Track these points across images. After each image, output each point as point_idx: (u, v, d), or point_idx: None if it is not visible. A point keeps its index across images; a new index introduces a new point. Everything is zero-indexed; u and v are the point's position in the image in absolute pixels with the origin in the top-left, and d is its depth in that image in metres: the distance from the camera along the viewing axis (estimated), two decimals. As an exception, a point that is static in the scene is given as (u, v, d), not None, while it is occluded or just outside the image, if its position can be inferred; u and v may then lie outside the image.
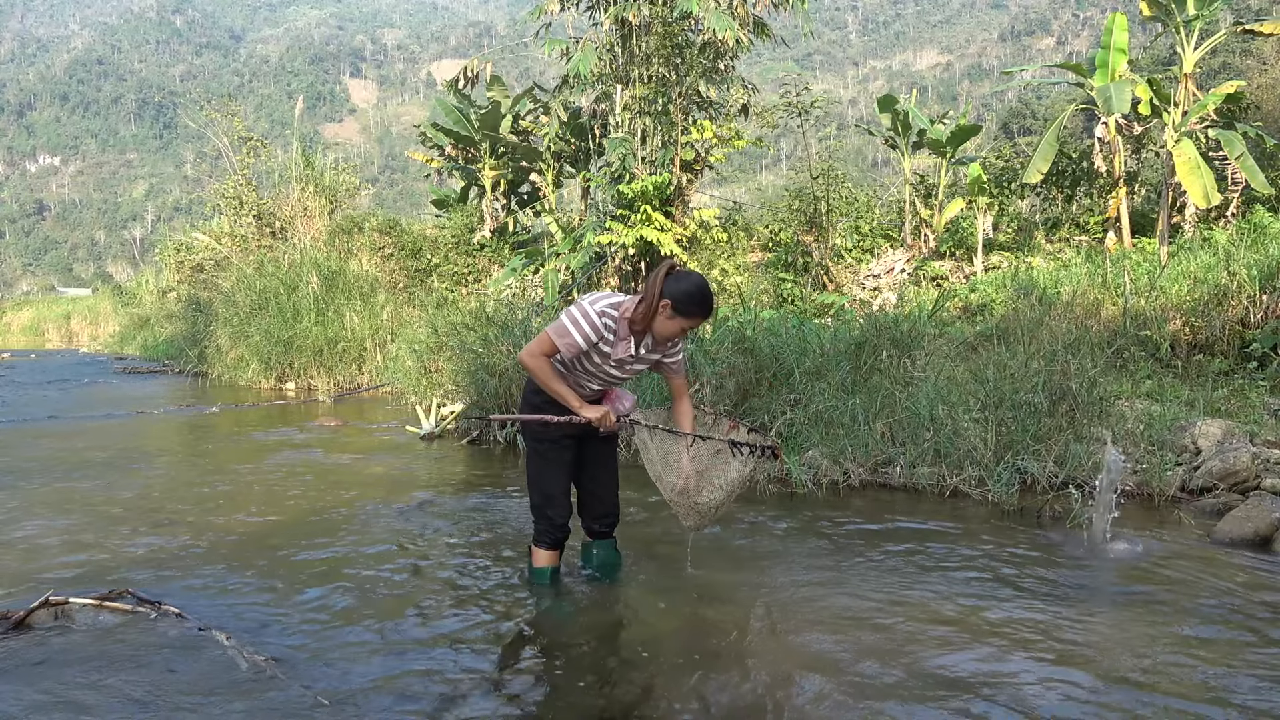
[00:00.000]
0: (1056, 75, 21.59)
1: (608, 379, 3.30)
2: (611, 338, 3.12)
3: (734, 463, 3.32)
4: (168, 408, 10.51)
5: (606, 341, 3.12)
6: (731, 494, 3.36)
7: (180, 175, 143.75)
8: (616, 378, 3.30)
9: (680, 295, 3.06)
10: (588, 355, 3.18)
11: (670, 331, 3.11)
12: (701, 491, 3.32)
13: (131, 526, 4.72)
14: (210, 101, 17.59)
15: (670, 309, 3.07)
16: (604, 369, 3.24)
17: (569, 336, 3.09)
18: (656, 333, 3.14)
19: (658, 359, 3.29)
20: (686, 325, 3.10)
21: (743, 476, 3.34)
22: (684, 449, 3.32)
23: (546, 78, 26.21)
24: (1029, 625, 3.18)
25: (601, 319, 3.09)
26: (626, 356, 3.16)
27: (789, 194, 14.65)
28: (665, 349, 3.27)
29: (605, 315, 3.10)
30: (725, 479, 3.33)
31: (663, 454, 3.38)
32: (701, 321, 3.12)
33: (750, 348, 6.82)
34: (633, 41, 13.17)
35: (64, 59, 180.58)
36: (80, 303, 38.01)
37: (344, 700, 2.65)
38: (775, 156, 67.80)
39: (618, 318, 3.11)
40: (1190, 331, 7.99)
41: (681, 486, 3.32)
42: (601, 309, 3.10)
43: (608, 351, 3.15)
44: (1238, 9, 25.65)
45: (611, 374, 3.27)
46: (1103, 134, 11.84)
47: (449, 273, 14.96)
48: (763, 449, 3.31)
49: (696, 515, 3.37)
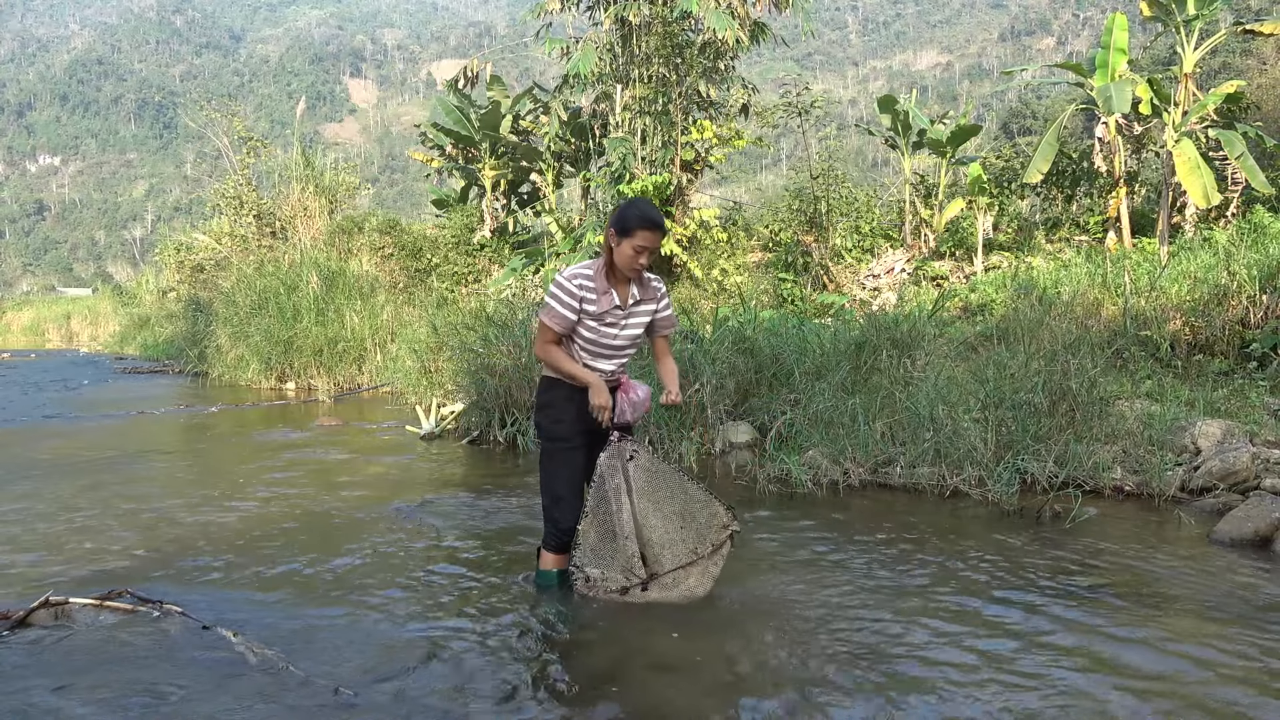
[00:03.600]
0: (1056, 75, 21.59)
1: (614, 350, 3.33)
2: (593, 296, 3.22)
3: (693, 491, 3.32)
4: (168, 408, 10.51)
5: (589, 300, 3.22)
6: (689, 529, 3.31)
7: (180, 175, 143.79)
8: (620, 347, 3.34)
9: (614, 219, 3.21)
10: (585, 325, 3.25)
11: (629, 258, 3.19)
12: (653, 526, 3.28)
13: (131, 526, 4.72)
14: (210, 101, 17.62)
15: (615, 234, 3.19)
16: (604, 336, 3.28)
17: (554, 311, 3.22)
18: (620, 266, 3.23)
19: (652, 312, 3.38)
20: (637, 245, 3.16)
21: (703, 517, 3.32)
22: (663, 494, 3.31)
23: (546, 78, 26.21)
24: (1028, 625, 3.18)
25: (573, 281, 3.22)
26: (612, 308, 3.24)
27: (789, 194, 14.64)
28: (653, 297, 3.37)
29: (577, 277, 3.23)
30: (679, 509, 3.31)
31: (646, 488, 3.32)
32: (649, 236, 3.16)
33: (750, 348, 6.82)
34: (633, 41, 13.17)
35: (64, 59, 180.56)
36: (80, 303, 38.05)
37: (355, 695, 2.65)
38: (775, 156, 67.77)
39: (591, 275, 3.24)
40: (1190, 331, 7.99)
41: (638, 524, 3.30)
42: (571, 273, 3.25)
43: (596, 310, 3.22)
44: (1238, 9, 25.64)
45: (614, 343, 3.31)
46: (1103, 134, 11.83)
47: (449, 273, 14.96)
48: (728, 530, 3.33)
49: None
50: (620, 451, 3.27)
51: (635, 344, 3.42)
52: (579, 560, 3.27)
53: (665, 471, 3.33)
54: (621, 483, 3.25)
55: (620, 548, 3.24)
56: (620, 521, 3.23)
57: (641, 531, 3.26)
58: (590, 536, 3.27)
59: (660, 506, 3.28)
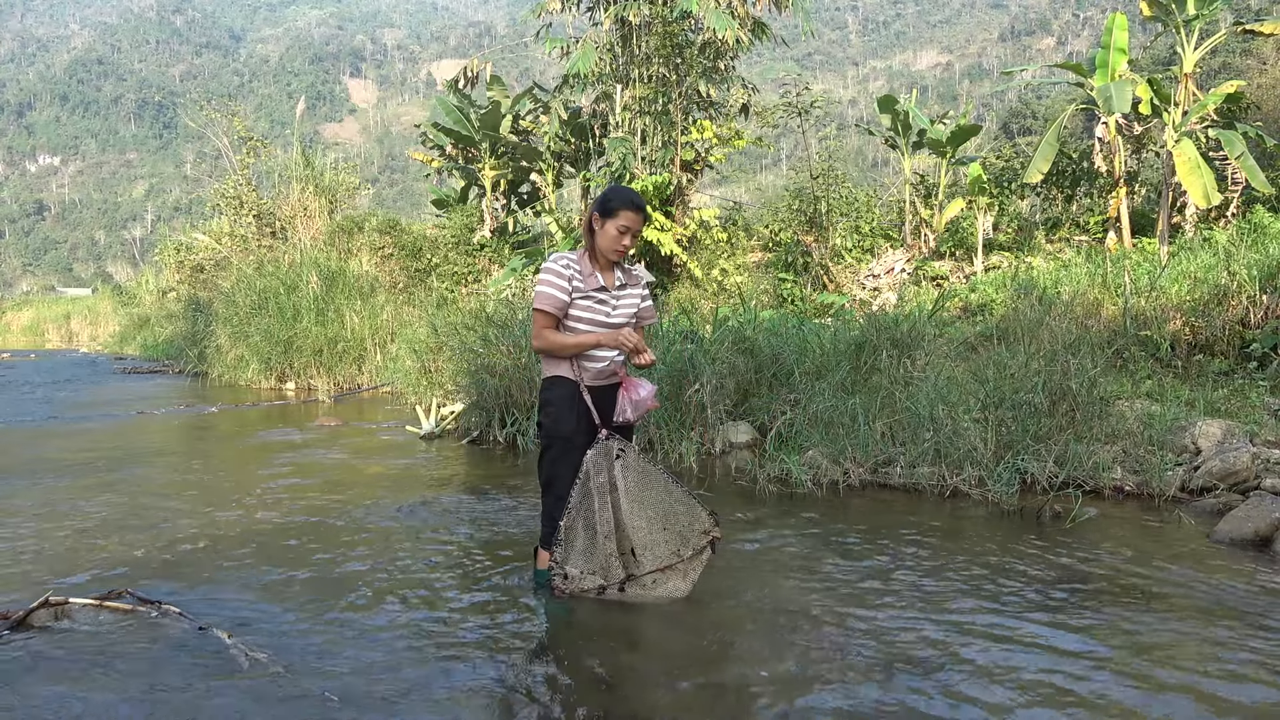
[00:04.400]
0: (1056, 75, 21.61)
1: (609, 327, 3.35)
2: (580, 277, 3.30)
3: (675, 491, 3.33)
4: (168, 408, 10.51)
5: (578, 278, 3.30)
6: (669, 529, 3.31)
7: (180, 175, 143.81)
8: (618, 325, 3.37)
9: (597, 202, 3.32)
10: (579, 306, 3.30)
11: (613, 239, 3.28)
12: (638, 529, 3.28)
13: (131, 526, 4.72)
14: (210, 101, 17.62)
15: (598, 216, 3.29)
16: (598, 314, 3.32)
17: (545, 293, 3.28)
18: (603, 249, 3.30)
19: (640, 296, 3.44)
20: (620, 225, 3.25)
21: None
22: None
23: (546, 78, 26.21)
24: (1028, 625, 3.17)
25: (560, 262, 3.31)
26: (595, 289, 3.31)
27: (789, 194, 14.64)
28: (637, 283, 3.45)
29: (563, 259, 3.33)
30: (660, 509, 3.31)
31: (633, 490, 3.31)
32: (632, 217, 3.26)
33: (750, 348, 6.82)
34: (633, 41, 13.18)
35: (64, 59, 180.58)
36: (80, 303, 38.07)
37: (348, 699, 2.65)
38: (775, 156, 67.79)
39: (577, 258, 3.35)
40: (1190, 331, 7.99)
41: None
42: (557, 256, 3.35)
43: (585, 288, 3.29)
44: (1238, 9, 25.64)
45: (610, 320, 3.35)
46: (1103, 134, 11.83)
47: (449, 273, 14.96)
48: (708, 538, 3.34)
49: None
50: (608, 450, 3.26)
51: (631, 324, 3.44)
52: (558, 557, 3.27)
53: (651, 473, 3.31)
54: (605, 481, 3.24)
55: (599, 546, 3.23)
56: (602, 520, 3.22)
57: (623, 532, 3.25)
58: (571, 534, 3.26)
59: (644, 508, 3.27)
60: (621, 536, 3.25)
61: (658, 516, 3.28)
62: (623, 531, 3.24)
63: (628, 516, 3.24)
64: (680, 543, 3.30)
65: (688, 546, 3.30)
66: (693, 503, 3.34)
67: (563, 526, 3.26)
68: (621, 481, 3.24)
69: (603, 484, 3.23)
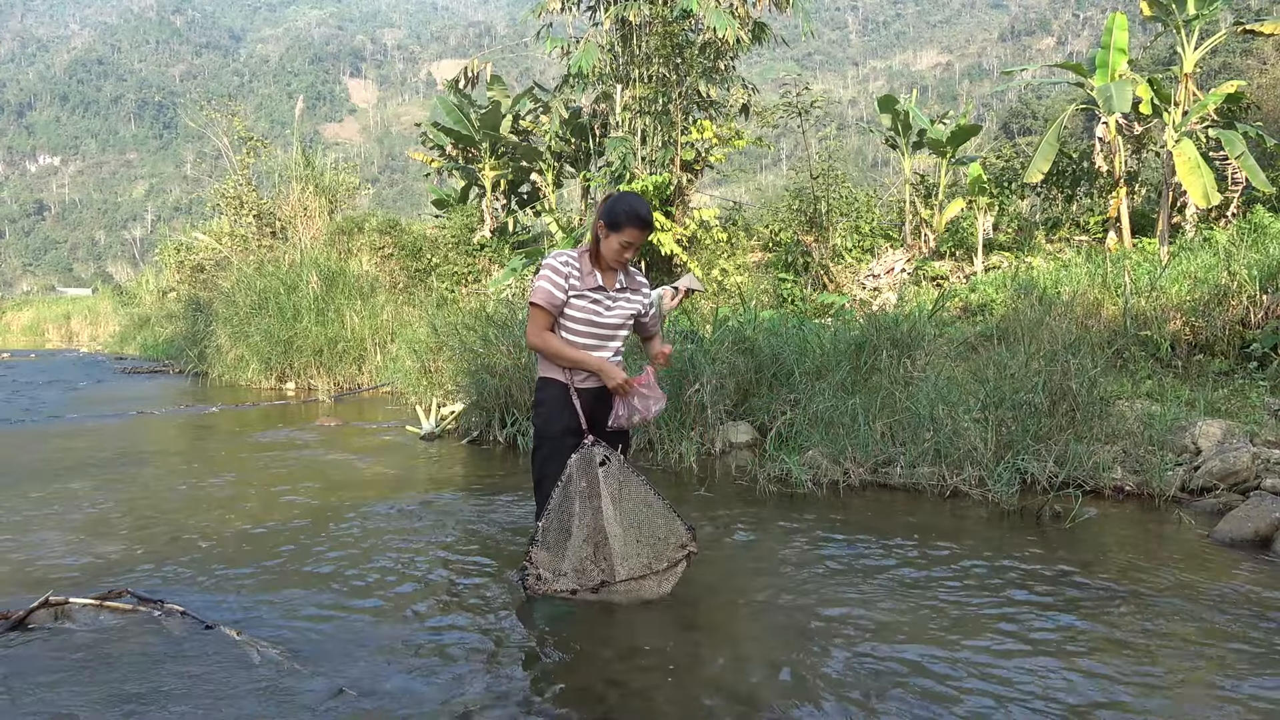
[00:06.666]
0: (1056, 75, 21.61)
1: (606, 331, 3.37)
2: (578, 274, 3.31)
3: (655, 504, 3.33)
4: (168, 408, 10.51)
5: (575, 276, 3.30)
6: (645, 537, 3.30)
7: (180, 175, 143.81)
8: (614, 326, 3.39)
9: (605, 211, 3.30)
10: (574, 305, 3.30)
11: (615, 252, 3.29)
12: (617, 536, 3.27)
13: (131, 527, 4.72)
14: (210, 101, 17.62)
15: (604, 227, 3.28)
16: (593, 314, 3.33)
17: (542, 289, 3.28)
18: (606, 257, 3.31)
19: (639, 304, 3.46)
20: (623, 240, 3.26)
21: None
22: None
23: (546, 77, 26.20)
24: (1028, 625, 3.18)
25: (559, 259, 3.32)
26: (591, 289, 3.31)
27: (789, 194, 14.65)
28: (638, 289, 3.47)
29: (563, 256, 3.34)
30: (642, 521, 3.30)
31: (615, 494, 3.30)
32: (635, 234, 3.25)
33: (750, 348, 6.82)
34: (633, 41, 13.17)
35: (64, 59, 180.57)
36: (80, 303, 38.06)
37: (359, 694, 2.65)
38: (775, 156, 67.74)
39: (577, 256, 3.35)
40: (1190, 331, 7.98)
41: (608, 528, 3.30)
42: (557, 253, 3.36)
43: (581, 287, 3.30)
44: (1238, 9, 25.61)
45: (605, 319, 3.36)
46: (1103, 134, 11.83)
47: (449, 273, 14.96)
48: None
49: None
50: (590, 457, 3.25)
51: (627, 327, 3.46)
52: (534, 557, 3.27)
53: (633, 482, 3.31)
54: (586, 486, 3.24)
55: (575, 550, 3.23)
56: (580, 525, 3.22)
57: (601, 538, 3.24)
58: (548, 536, 3.26)
59: (623, 517, 3.26)
60: (600, 542, 3.24)
61: (634, 527, 3.28)
62: (601, 537, 3.24)
63: (606, 523, 3.23)
64: (653, 556, 3.29)
65: (661, 560, 3.30)
66: (672, 516, 3.34)
67: (539, 527, 3.26)
68: (603, 488, 3.24)
69: (583, 489, 3.23)
